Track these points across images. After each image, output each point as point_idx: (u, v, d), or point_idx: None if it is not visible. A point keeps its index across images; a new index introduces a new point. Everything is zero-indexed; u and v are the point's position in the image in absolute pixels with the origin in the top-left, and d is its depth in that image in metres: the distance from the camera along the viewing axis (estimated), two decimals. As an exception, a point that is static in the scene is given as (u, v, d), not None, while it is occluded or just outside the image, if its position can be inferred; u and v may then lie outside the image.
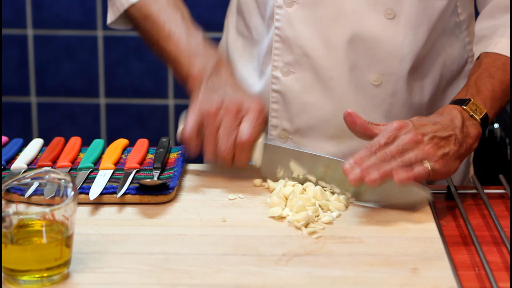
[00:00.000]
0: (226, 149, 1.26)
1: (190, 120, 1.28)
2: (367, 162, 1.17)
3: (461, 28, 1.49)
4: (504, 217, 1.21)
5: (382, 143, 1.19)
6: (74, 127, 2.88)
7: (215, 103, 1.28)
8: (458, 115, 1.26)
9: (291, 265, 1.06)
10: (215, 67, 1.34)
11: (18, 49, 2.81)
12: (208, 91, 1.30)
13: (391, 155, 1.17)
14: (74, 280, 1.02)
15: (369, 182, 1.15)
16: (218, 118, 1.27)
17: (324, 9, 1.40)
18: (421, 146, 1.19)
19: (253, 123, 1.27)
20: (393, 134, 1.20)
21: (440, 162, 1.20)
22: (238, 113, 1.28)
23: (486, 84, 1.32)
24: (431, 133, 1.21)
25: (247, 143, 1.27)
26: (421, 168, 1.17)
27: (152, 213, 1.21)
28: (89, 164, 1.33)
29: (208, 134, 1.27)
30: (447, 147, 1.21)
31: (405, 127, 1.21)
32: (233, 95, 1.30)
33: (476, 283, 1.04)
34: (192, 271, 1.04)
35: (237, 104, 1.28)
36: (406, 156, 1.18)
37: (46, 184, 1.07)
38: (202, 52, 1.36)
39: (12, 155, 1.37)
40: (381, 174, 1.15)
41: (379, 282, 1.02)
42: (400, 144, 1.19)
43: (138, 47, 2.82)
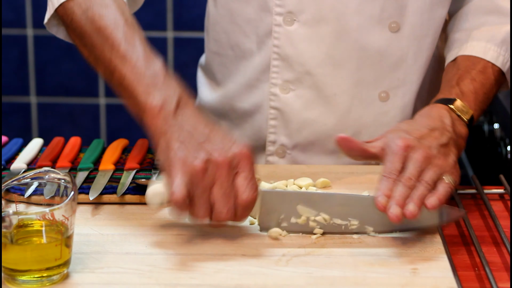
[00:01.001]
0: (228, 212, 1.07)
1: (177, 182, 1.05)
2: (398, 194, 1.11)
3: None
4: (504, 217, 1.21)
5: (399, 168, 1.14)
6: (74, 127, 2.88)
7: (200, 158, 1.07)
8: (447, 116, 1.24)
9: (291, 265, 1.06)
10: (179, 101, 1.12)
11: (18, 49, 2.81)
12: (181, 137, 1.09)
13: (415, 180, 1.13)
14: (74, 280, 1.02)
15: (410, 216, 1.09)
16: (207, 176, 1.06)
17: (328, 26, 1.38)
18: (434, 161, 1.16)
19: (249, 176, 1.08)
20: (403, 155, 1.15)
21: (454, 171, 1.17)
22: (230, 167, 1.07)
23: (469, 86, 1.30)
24: (435, 144, 1.18)
25: (251, 202, 1.08)
26: (445, 186, 1.14)
27: (151, 213, 1.21)
28: (89, 164, 1.33)
29: (200, 196, 1.07)
30: (451, 153, 1.19)
31: (410, 145, 1.16)
32: (215, 143, 1.09)
33: (476, 283, 1.04)
34: (192, 271, 1.04)
35: (226, 156, 1.07)
36: (428, 177, 1.13)
37: (46, 184, 1.07)
38: (162, 82, 1.14)
39: (12, 155, 1.37)
40: (417, 204, 1.10)
41: (379, 282, 1.02)
42: (417, 166, 1.14)
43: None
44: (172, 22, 2.77)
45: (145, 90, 1.13)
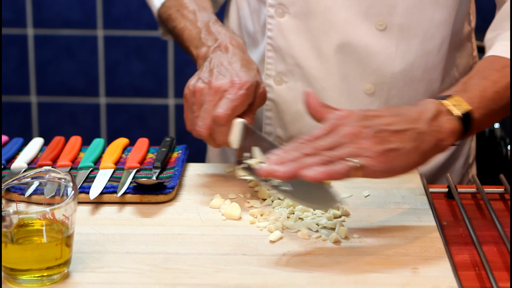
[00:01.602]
0: (203, 128, 1.24)
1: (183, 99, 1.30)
2: (288, 155, 1.08)
3: (470, 36, 1.49)
4: (504, 216, 1.21)
5: (317, 135, 1.10)
6: (74, 126, 2.88)
7: (199, 83, 1.26)
8: (431, 108, 1.15)
9: (291, 265, 1.06)
10: (215, 49, 1.32)
11: (18, 48, 2.81)
12: (202, 70, 1.29)
13: (316, 149, 1.08)
14: (74, 280, 1.02)
15: (277, 174, 1.05)
16: (201, 98, 1.25)
17: (315, 19, 1.40)
18: (358, 140, 1.09)
19: (229, 101, 1.23)
20: (333, 124, 1.11)
21: (377, 159, 1.08)
22: (217, 92, 1.24)
23: (476, 85, 1.22)
24: (380, 126, 1.10)
25: (219, 122, 1.22)
26: (341, 165, 1.06)
27: (152, 212, 1.21)
28: (89, 164, 1.33)
29: (192, 113, 1.27)
30: (396, 142, 1.10)
31: (349, 117, 1.11)
32: (222, 73, 1.27)
33: (476, 283, 1.04)
34: (192, 271, 1.04)
35: (219, 83, 1.25)
36: (334, 152, 1.08)
37: (46, 184, 1.07)
38: (205, 37, 1.36)
39: (12, 154, 1.37)
40: (292, 169, 1.05)
41: (379, 282, 1.02)
42: (334, 138, 1.09)
43: (138, 47, 2.82)
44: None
45: (196, 46, 1.38)
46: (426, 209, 1.22)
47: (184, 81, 3.00)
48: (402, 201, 1.25)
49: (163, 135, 2.74)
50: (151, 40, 2.81)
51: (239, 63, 1.29)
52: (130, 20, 2.79)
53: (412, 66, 1.42)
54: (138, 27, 2.80)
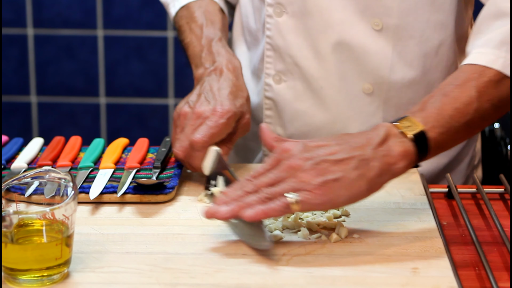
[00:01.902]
0: (179, 148, 1.27)
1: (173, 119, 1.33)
2: (232, 194, 1.10)
3: None
4: (504, 216, 1.21)
5: (260, 171, 1.11)
6: (74, 126, 2.88)
7: (185, 107, 1.30)
8: (381, 132, 1.11)
9: (291, 265, 1.06)
10: (210, 72, 1.35)
11: (18, 48, 2.81)
12: (192, 93, 1.33)
13: (257, 187, 1.09)
14: (74, 280, 1.02)
15: (219, 217, 1.08)
16: (186, 119, 1.29)
17: (312, 19, 1.40)
18: (298, 174, 1.08)
19: (207, 128, 1.26)
20: (276, 158, 1.11)
21: (316, 192, 1.07)
22: (199, 117, 1.28)
23: (434, 103, 1.16)
24: (321, 157, 1.09)
25: (196, 143, 1.25)
26: (278, 203, 1.07)
27: (152, 212, 1.21)
28: (89, 164, 1.33)
29: (175, 135, 1.30)
30: (338, 172, 1.07)
31: (290, 149, 1.10)
32: (208, 99, 1.30)
33: (476, 282, 1.04)
34: (192, 271, 1.04)
35: (205, 108, 1.28)
36: (272, 189, 1.08)
37: (46, 184, 1.07)
38: (205, 57, 1.39)
39: (12, 154, 1.37)
40: (233, 209, 1.08)
41: (379, 282, 1.02)
42: (274, 173, 1.09)
43: (138, 47, 2.82)
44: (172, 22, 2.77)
45: (195, 65, 1.41)
46: (426, 209, 1.22)
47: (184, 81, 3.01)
48: (402, 201, 1.25)
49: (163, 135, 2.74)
50: (151, 40, 2.81)
51: (228, 89, 1.32)
52: (130, 20, 2.79)
53: (409, 67, 1.42)
54: (138, 27, 2.80)
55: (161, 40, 2.80)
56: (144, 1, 2.78)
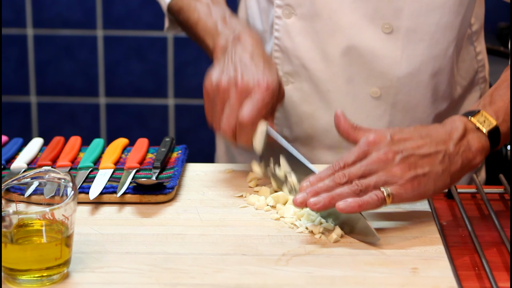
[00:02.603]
0: (227, 128, 1.22)
1: (204, 92, 1.27)
2: (320, 185, 1.11)
3: (472, 39, 1.47)
4: (504, 217, 1.21)
5: (349, 162, 1.12)
6: (74, 126, 2.88)
7: (224, 79, 1.24)
8: (459, 127, 1.16)
9: (291, 265, 1.06)
10: (234, 41, 1.30)
11: (18, 48, 2.81)
12: (224, 63, 1.27)
13: (348, 178, 1.10)
14: (74, 280, 1.02)
15: (310, 206, 1.09)
16: (225, 95, 1.23)
17: (321, 21, 1.40)
18: (389, 167, 1.11)
19: (255, 104, 1.21)
20: (364, 150, 1.13)
21: (407, 186, 1.10)
22: (243, 91, 1.22)
23: (503, 96, 1.20)
24: (408, 151, 1.12)
25: (245, 124, 1.21)
26: (371, 196, 1.09)
27: (152, 212, 1.21)
28: (89, 164, 1.33)
29: (216, 111, 1.24)
30: (426, 166, 1.12)
31: (379, 142, 1.13)
32: (244, 70, 1.24)
33: (476, 283, 1.04)
34: (192, 271, 1.04)
35: (245, 82, 1.23)
36: (364, 181, 1.10)
37: (46, 184, 1.07)
38: (222, 28, 1.34)
39: (12, 154, 1.37)
40: (325, 200, 1.09)
41: (379, 282, 1.02)
42: (364, 165, 1.11)
43: (138, 47, 2.82)
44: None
45: (211, 40, 1.36)
46: (426, 209, 1.22)
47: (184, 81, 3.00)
48: (402, 201, 1.24)
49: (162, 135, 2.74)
50: (151, 40, 2.81)
51: (262, 60, 1.27)
52: (130, 20, 2.79)
53: (418, 70, 1.41)
54: (138, 27, 2.80)
55: (161, 40, 2.80)
56: (144, 1, 2.78)
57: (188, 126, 2.89)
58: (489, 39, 1.57)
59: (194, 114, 2.87)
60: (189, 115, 2.87)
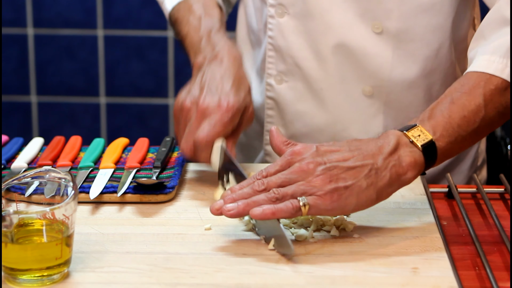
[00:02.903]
0: (185, 147, 1.25)
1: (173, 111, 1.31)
2: (240, 192, 1.10)
3: None
4: (504, 216, 1.21)
5: (271, 171, 1.10)
6: (74, 126, 2.88)
7: (188, 99, 1.28)
8: (392, 141, 1.12)
9: (291, 265, 1.06)
10: (210, 60, 1.32)
11: (18, 48, 2.81)
12: (194, 83, 1.30)
13: (267, 186, 1.09)
14: (74, 279, 1.02)
15: (224, 212, 1.08)
16: (188, 115, 1.27)
17: (313, 20, 1.40)
18: (309, 177, 1.08)
19: (212, 124, 1.24)
20: (288, 160, 1.11)
21: (326, 197, 1.07)
22: (203, 112, 1.25)
23: (443, 110, 1.15)
24: (333, 162, 1.09)
25: (200, 143, 1.24)
26: (286, 204, 1.07)
27: (152, 212, 1.21)
28: (90, 163, 1.33)
29: (179, 130, 1.28)
30: (349, 179, 1.08)
31: (303, 153, 1.10)
32: (212, 91, 1.27)
33: (476, 282, 1.04)
34: (192, 271, 1.04)
35: (206, 103, 1.25)
36: (282, 189, 1.08)
37: (46, 183, 1.07)
38: (204, 45, 1.36)
39: (12, 154, 1.37)
40: (239, 206, 1.07)
41: (379, 282, 1.02)
42: (285, 174, 1.09)
43: (138, 46, 2.82)
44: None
45: (194, 53, 1.38)
46: (426, 209, 1.22)
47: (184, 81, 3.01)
48: (402, 201, 1.25)
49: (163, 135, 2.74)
50: (151, 40, 2.81)
51: (231, 81, 1.28)
52: (130, 20, 2.79)
53: (409, 70, 1.41)
54: (138, 27, 2.80)
55: (161, 40, 2.80)
56: (144, 1, 2.78)
57: (188, 126, 2.89)
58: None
59: (194, 114, 2.87)
60: (189, 115, 2.87)
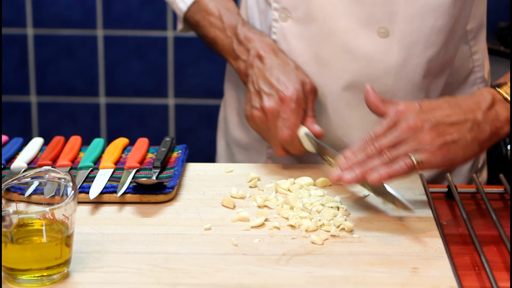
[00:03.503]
0: (277, 150, 1.34)
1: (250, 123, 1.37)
2: (353, 159, 1.15)
3: (467, 38, 1.47)
4: (504, 216, 1.21)
5: (379, 133, 1.16)
6: (74, 126, 2.88)
7: (256, 109, 1.34)
8: (488, 97, 1.19)
9: (291, 265, 1.06)
10: (251, 65, 1.38)
11: (18, 48, 2.81)
12: (253, 93, 1.35)
13: (380, 149, 1.14)
14: (74, 280, 1.02)
15: (344, 181, 1.13)
16: (263, 122, 1.33)
17: (316, 25, 1.39)
18: (418, 135, 1.14)
19: (285, 118, 1.30)
20: (394, 120, 1.16)
21: (437, 153, 1.13)
22: (273, 113, 1.32)
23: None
24: (437, 118, 1.15)
25: (286, 141, 1.31)
26: (400, 164, 1.13)
27: (152, 212, 1.21)
28: (89, 163, 1.33)
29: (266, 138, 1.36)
30: (455, 133, 1.15)
31: (408, 111, 1.16)
32: (269, 92, 1.33)
33: (476, 283, 1.04)
34: (192, 271, 1.04)
35: (272, 104, 1.32)
36: (394, 150, 1.14)
37: (46, 183, 1.07)
38: (238, 50, 1.42)
39: (12, 154, 1.37)
40: (358, 174, 1.13)
41: (379, 282, 1.02)
42: (394, 135, 1.15)
43: (138, 46, 2.82)
44: (172, 21, 2.77)
45: (234, 59, 1.44)
46: (426, 209, 1.22)
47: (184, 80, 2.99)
48: (402, 201, 1.25)
49: (163, 135, 2.74)
50: (151, 40, 2.81)
51: (278, 71, 1.35)
52: (130, 20, 2.79)
53: (414, 73, 1.41)
54: (138, 27, 2.80)
55: (161, 40, 2.80)
56: (144, 1, 2.78)
57: (188, 126, 2.89)
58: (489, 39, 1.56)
59: (194, 114, 2.87)
60: (189, 115, 2.87)
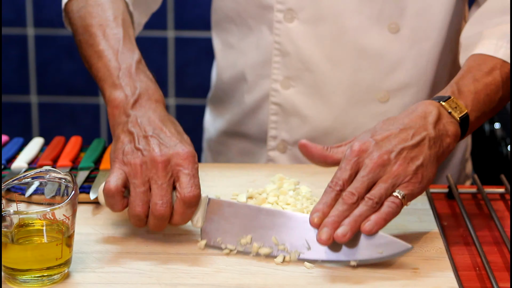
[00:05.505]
0: (164, 204, 1.06)
1: (113, 173, 1.08)
2: (334, 213, 1.04)
3: None
4: (504, 217, 1.21)
5: (346, 178, 1.06)
6: (74, 126, 2.88)
7: (139, 154, 1.09)
8: (433, 111, 1.13)
9: (291, 265, 1.06)
10: (139, 96, 1.17)
11: (18, 48, 2.81)
12: (136, 135, 1.11)
13: (358, 195, 1.05)
14: (75, 280, 1.02)
15: (339, 239, 1.03)
16: (145, 171, 1.07)
17: (326, 25, 1.39)
18: (390, 169, 1.06)
19: (192, 174, 1.08)
20: (354, 161, 1.07)
21: (413, 181, 1.07)
22: (166, 165, 1.08)
23: (469, 86, 1.18)
24: (398, 146, 1.08)
25: (193, 198, 1.07)
26: (391, 205, 1.05)
27: (152, 212, 1.21)
28: (90, 164, 1.33)
29: (136, 190, 1.07)
30: (420, 156, 1.08)
31: (365, 149, 1.08)
32: (164, 142, 1.10)
33: (477, 283, 1.04)
34: (192, 271, 1.04)
35: (165, 154, 1.08)
36: (375, 192, 1.05)
37: (46, 184, 1.07)
38: (128, 78, 1.19)
39: (12, 154, 1.37)
40: (351, 227, 1.03)
41: (379, 282, 1.02)
42: (366, 175, 1.06)
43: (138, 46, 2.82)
44: (172, 21, 2.77)
45: (111, 85, 1.18)
46: (427, 209, 1.22)
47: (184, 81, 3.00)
48: (403, 201, 1.24)
49: (163, 135, 2.74)
50: (151, 40, 2.81)
51: (172, 126, 1.14)
52: (130, 20, 2.79)
53: (425, 69, 1.40)
54: (138, 27, 2.80)
55: (161, 40, 2.80)
56: (146, 1, 2.77)
57: (189, 125, 2.88)
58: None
59: (194, 114, 2.87)
60: (189, 115, 2.87)
